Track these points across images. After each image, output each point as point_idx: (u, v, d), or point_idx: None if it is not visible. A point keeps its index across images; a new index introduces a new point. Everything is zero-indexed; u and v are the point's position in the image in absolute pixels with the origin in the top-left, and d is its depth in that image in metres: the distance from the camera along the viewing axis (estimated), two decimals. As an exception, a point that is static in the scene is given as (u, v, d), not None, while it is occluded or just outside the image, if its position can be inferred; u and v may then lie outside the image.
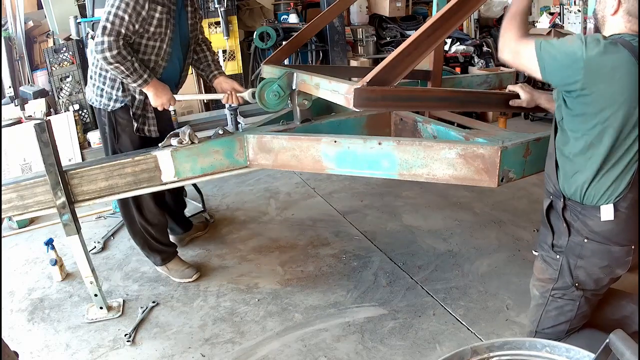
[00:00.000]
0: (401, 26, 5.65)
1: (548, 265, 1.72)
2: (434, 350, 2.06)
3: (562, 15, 6.44)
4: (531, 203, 3.29)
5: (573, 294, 1.68)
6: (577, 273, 1.65)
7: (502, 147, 1.82)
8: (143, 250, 2.70)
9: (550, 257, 1.71)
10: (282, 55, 2.98)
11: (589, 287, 1.67)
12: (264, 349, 2.13)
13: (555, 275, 1.69)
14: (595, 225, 1.58)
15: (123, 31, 2.15)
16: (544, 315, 1.76)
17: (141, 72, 2.24)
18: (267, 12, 5.22)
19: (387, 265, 2.70)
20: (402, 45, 1.85)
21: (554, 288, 1.71)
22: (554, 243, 1.69)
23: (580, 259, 1.63)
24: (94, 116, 4.23)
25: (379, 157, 2.00)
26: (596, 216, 1.57)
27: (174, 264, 2.71)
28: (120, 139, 2.45)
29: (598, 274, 1.64)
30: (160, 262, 2.70)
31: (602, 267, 1.62)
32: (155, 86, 2.30)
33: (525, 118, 5.28)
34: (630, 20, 1.50)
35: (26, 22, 4.56)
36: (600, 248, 1.60)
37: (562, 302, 1.71)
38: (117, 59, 2.16)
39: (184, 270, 2.68)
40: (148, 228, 2.59)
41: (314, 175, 3.88)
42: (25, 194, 2.08)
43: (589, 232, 1.60)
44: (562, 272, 1.68)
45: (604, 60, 1.42)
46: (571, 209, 1.63)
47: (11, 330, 2.35)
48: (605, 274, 1.64)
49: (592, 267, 1.63)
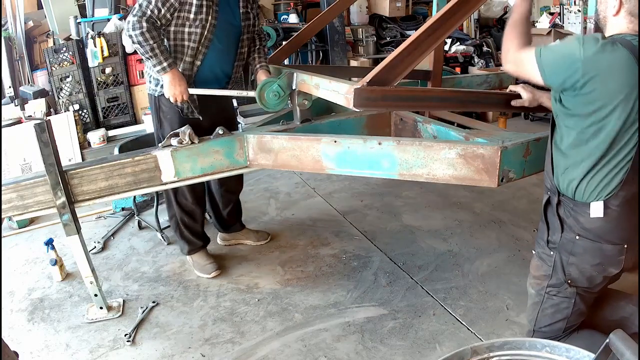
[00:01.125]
0: (401, 26, 5.66)
1: (543, 262, 1.73)
2: (434, 350, 2.06)
3: (562, 15, 6.44)
4: (531, 203, 3.29)
5: (567, 290, 1.69)
6: (570, 270, 1.65)
7: (502, 147, 1.82)
8: (175, 234, 2.76)
9: (545, 254, 1.72)
10: (282, 55, 2.98)
11: (582, 284, 1.67)
12: (264, 349, 2.14)
13: (549, 271, 1.70)
14: (586, 222, 1.59)
15: (148, 13, 2.20)
16: (541, 313, 1.76)
17: (162, 59, 2.25)
18: (267, 12, 5.23)
19: (387, 265, 2.70)
20: (402, 45, 1.85)
21: (549, 285, 1.71)
22: (549, 239, 1.70)
23: (573, 256, 1.63)
24: (94, 116, 4.25)
25: (379, 157, 2.00)
26: (586, 212, 1.57)
27: (198, 256, 2.74)
28: (163, 125, 2.49)
29: (590, 272, 1.64)
30: (186, 251, 2.75)
31: (594, 265, 1.62)
32: (172, 76, 2.29)
33: (525, 118, 5.28)
34: (632, 21, 1.50)
35: (26, 22, 4.57)
36: (591, 246, 1.60)
37: (558, 300, 1.71)
38: (139, 39, 2.20)
39: (206, 265, 2.70)
40: (181, 214, 2.63)
41: (314, 175, 3.88)
42: (25, 194, 2.08)
43: (580, 229, 1.60)
44: (555, 268, 1.68)
45: (601, 59, 1.43)
46: (564, 205, 1.64)
47: (11, 330, 2.35)
48: (597, 272, 1.64)
49: (583, 264, 1.63)
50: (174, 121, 2.44)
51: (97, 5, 4.51)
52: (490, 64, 5.66)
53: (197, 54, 2.36)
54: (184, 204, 2.62)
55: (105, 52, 4.11)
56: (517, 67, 1.64)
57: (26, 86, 4.37)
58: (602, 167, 1.53)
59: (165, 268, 2.81)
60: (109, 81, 4.21)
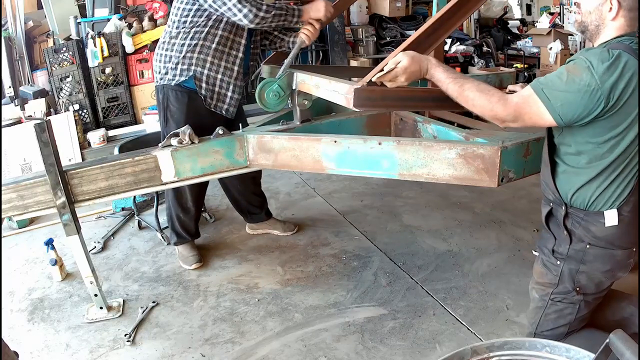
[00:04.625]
0: (401, 26, 5.66)
1: (548, 270, 1.71)
2: (434, 350, 2.06)
3: (562, 15, 6.46)
4: (531, 203, 3.29)
5: (574, 298, 1.67)
6: (579, 278, 1.63)
7: (502, 147, 1.82)
8: (168, 223, 2.85)
9: (551, 262, 1.69)
10: (282, 55, 2.97)
11: (590, 291, 1.65)
12: (264, 349, 2.13)
13: (555, 280, 1.68)
14: (598, 230, 1.56)
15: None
16: (544, 318, 1.74)
17: (292, 9, 2.34)
18: (267, 12, 5.21)
19: (387, 265, 2.70)
20: (402, 45, 1.84)
21: (554, 292, 1.69)
22: (555, 249, 1.67)
23: (583, 265, 1.61)
24: (94, 116, 4.25)
25: (379, 157, 2.00)
26: (600, 222, 1.55)
27: (183, 247, 2.83)
28: (169, 123, 2.54)
29: (600, 278, 1.63)
30: (173, 242, 2.85)
31: (604, 271, 1.61)
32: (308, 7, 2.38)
33: (525, 118, 5.27)
34: (632, 18, 1.45)
35: (26, 22, 4.57)
36: (603, 253, 1.58)
37: (562, 306, 1.70)
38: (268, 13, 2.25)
39: (189, 257, 2.79)
40: (177, 210, 2.72)
41: (314, 175, 3.88)
42: (25, 194, 2.08)
43: (591, 238, 1.58)
44: (562, 277, 1.66)
45: (617, 81, 1.37)
46: (573, 217, 1.60)
47: (11, 330, 2.35)
48: (606, 278, 1.63)
49: (594, 271, 1.61)
50: (180, 120, 2.46)
51: (97, 5, 4.51)
52: (490, 64, 5.66)
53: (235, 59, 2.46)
54: (181, 202, 2.68)
55: (105, 52, 4.11)
56: (518, 119, 1.50)
57: (26, 86, 4.37)
58: (617, 177, 1.51)
59: (165, 268, 2.81)
60: (109, 81, 4.21)
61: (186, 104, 2.48)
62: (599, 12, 1.48)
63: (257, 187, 3.02)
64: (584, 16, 1.53)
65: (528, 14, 7.40)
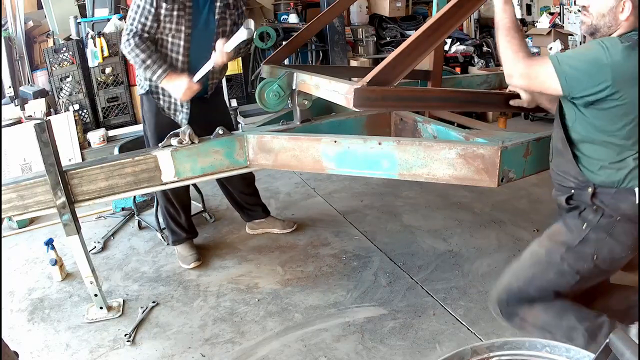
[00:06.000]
0: (401, 26, 5.66)
1: (569, 231, 1.66)
2: (434, 350, 2.06)
3: (562, 15, 6.45)
4: (531, 203, 3.30)
5: (583, 265, 1.64)
6: (602, 247, 1.61)
7: (502, 147, 1.82)
8: (163, 222, 2.88)
9: (576, 226, 1.65)
10: (282, 55, 2.98)
11: (604, 265, 1.63)
12: (264, 349, 2.13)
13: (575, 242, 1.64)
14: (627, 208, 1.56)
15: (134, 29, 2.30)
16: (540, 274, 1.69)
17: (155, 68, 2.33)
18: (267, 12, 5.23)
19: (387, 265, 2.70)
20: (402, 45, 1.84)
21: (568, 251, 1.65)
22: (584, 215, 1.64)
23: (610, 237, 1.60)
24: (94, 116, 4.25)
25: (379, 157, 2.00)
26: (630, 199, 1.54)
27: (182, 247, 2.83)
28: (144, 125, 2.62)
29: (620, 254, 1.62)
30: (170, 241, 2.85)
31: (628, 245, 1.60)
32: (170, 78, 2.35)
33: (525, 118, 5.28)
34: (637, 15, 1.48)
35: (26, 22, 4.57)
36: (631, 227, 1.58)
37: (567, 269, 1.66)
38: (130, 55, 2.33)
39: (187, 256, 2.80)
40: (167, 205, 2.72)
41: (314, 175, 3.88)
42: (25, 194, 2.08)
43: (620, 214, 1.58)
44: (585, 241, 1.62)
45: (628, 64, 1.40)
46: (601, 195, 1.59)
47: (11, 330, 2.35)
48: (625, 255, 1.62)
49: (617, 245, 1.60)
50: (151, 122, 2.54)
51: (97, 5, 4.52)
52: (490, 64, 5.66)
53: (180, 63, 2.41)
54: (170, 194, 2.68)
55: (105, 52, 4.12)
56: (530, 80, 1.56)
57: (26, 86, 4.38)
58: None
59: (165, 268, 2.81)
60: (109, 81, 4.22)
61: (154, 113, 2.55)
62: (613, 14, 1.50)
63: (249, 187, 2.99)
64: (595, 19, 1.53)
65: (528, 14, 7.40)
